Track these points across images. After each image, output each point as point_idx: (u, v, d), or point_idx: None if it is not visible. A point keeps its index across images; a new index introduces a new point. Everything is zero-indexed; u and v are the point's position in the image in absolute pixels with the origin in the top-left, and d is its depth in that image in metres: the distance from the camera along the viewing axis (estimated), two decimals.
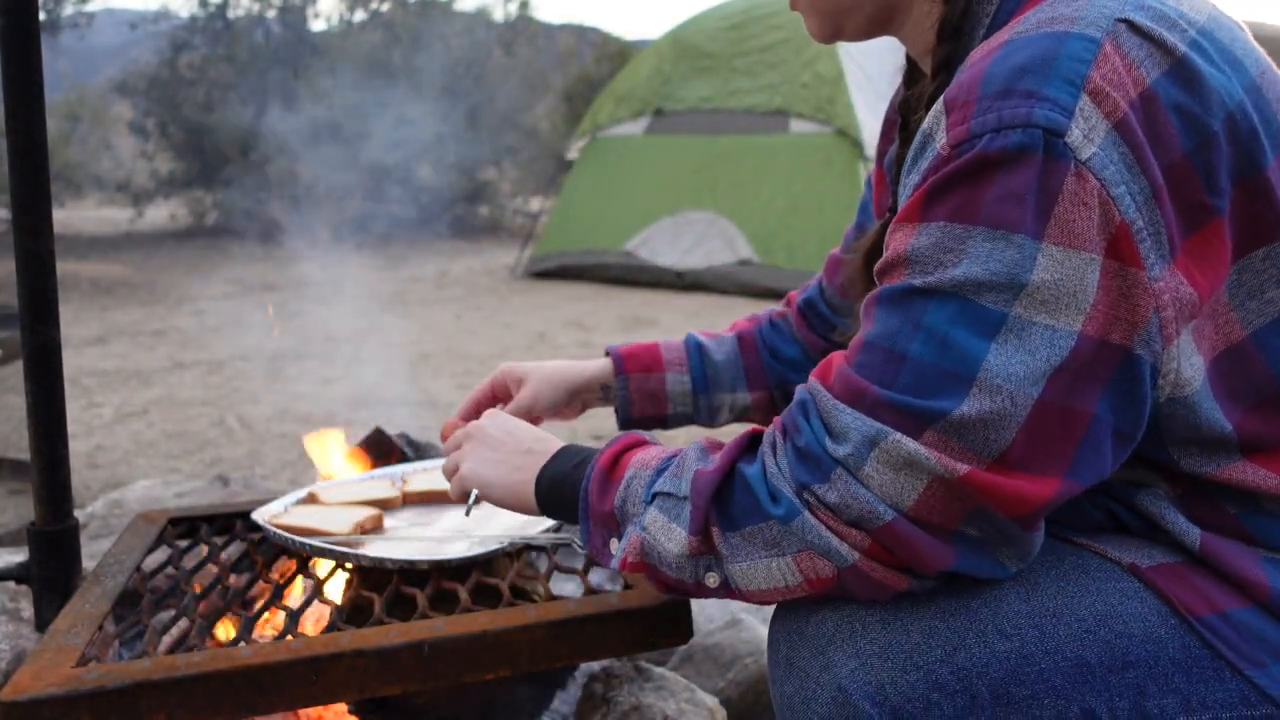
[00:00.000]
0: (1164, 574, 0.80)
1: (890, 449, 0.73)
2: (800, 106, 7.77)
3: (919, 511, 0.74)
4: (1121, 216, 0.70)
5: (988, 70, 0.73)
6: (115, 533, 1.85)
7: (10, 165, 1.28)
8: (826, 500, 0.75)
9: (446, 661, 1.09)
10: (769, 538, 0.78)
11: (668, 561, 0.84)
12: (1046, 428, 0.72)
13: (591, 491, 0.92)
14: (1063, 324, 0.71)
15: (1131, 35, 0.72)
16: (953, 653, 0.76)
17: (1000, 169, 0.70)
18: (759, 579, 0.80)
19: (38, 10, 1.29)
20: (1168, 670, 0.77)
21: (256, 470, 3.43)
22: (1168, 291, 0.72)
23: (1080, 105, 0.70)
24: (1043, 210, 0.70)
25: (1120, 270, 0.71)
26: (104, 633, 1.18)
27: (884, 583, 0.77)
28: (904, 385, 0.73)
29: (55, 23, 12.35)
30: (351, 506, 1.46)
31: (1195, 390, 0.76)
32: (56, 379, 1.33)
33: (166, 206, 13.97)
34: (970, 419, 0.71)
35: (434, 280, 8.99)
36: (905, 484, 0.73)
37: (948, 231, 0.72)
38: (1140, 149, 0.71)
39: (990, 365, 0.71)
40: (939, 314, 0.72)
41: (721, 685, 1.49)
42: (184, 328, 6.46)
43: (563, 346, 5.81)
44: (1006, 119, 0.70)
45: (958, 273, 0.72)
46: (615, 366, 1.35)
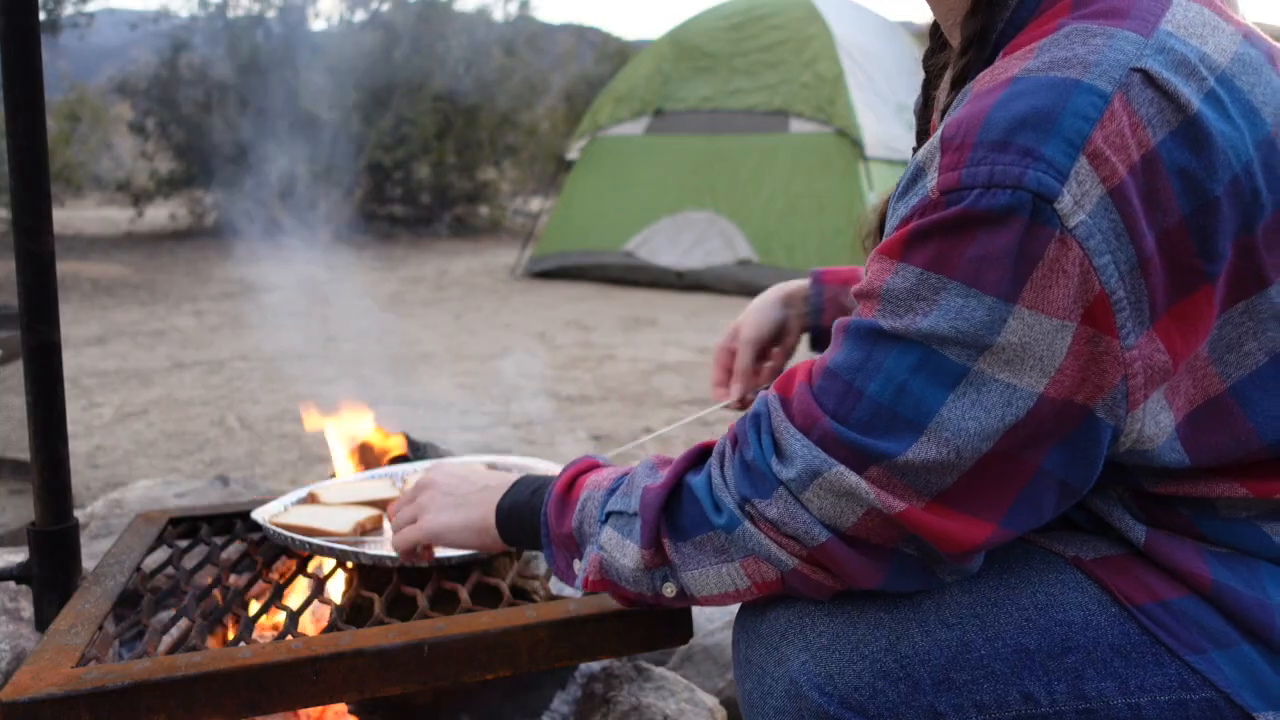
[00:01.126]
0: (1105, 565, 0.83)
1: (832, 480, 0.76)
2: (800, 106, 7.77)
3: (856, 532, 0.77)
4: (1102, 286, 0.69)
5: (989, 114, 0.71)
6: (115, 533, 1.85)
7: (10, 165, 1.28)
8: (766, 515, 0.80)
9: (446, 661, 1.09)
10: (717, 545, 0.83)
11: (625, 577, 0.89)
12: (989, 477, 0.74)
13: (550, 515, 0.97)
14: (1025, 384, 0.71)
15: (1144, 89, 0.69)
16: (896, 642, 0.80)
17: (984, 227, 0.69)
18: (710, 585, 0.85)
19: (38, 10, 1.29)
20: (1106, 655, 0.80)
21: (256, 470, 3.43)
22: (1140, 359, 0.72)
23: (1076, 169, 0.68)
24: (1021, 274, 0.69)
25: (1093, 337, 0.70)
26: (104, 633, 1.18)
27: (823, 584, 0.81)
28: (855, 422, 0.75)
29: (55, 23, 12.34)
30: (351, 506, 1.46)
31: (1158, 446, 0.77)
32: (56, 379, 1.33)
33: (166, 206, 13.96)
34: (914, 464, 0.74)
35: (434, 280, 8.99)
36: (844, 509, 0.76)
37: (923, 279, 0.72)
38: (1133, 218, 0.69)
39: (943, 417, 0.72)
40: (901, 360, 0.73)
41: (721, 685, 1.49)
42: (184, 328, 6.46)
43: (563, 346, 5.81)
44: (998, 176, 0.69)
45: (925, 324, 0.72)
46: (813, 278, 1.34)
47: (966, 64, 0.83)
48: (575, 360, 5.41)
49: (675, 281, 8.12)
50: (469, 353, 5.61)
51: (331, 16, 15.46)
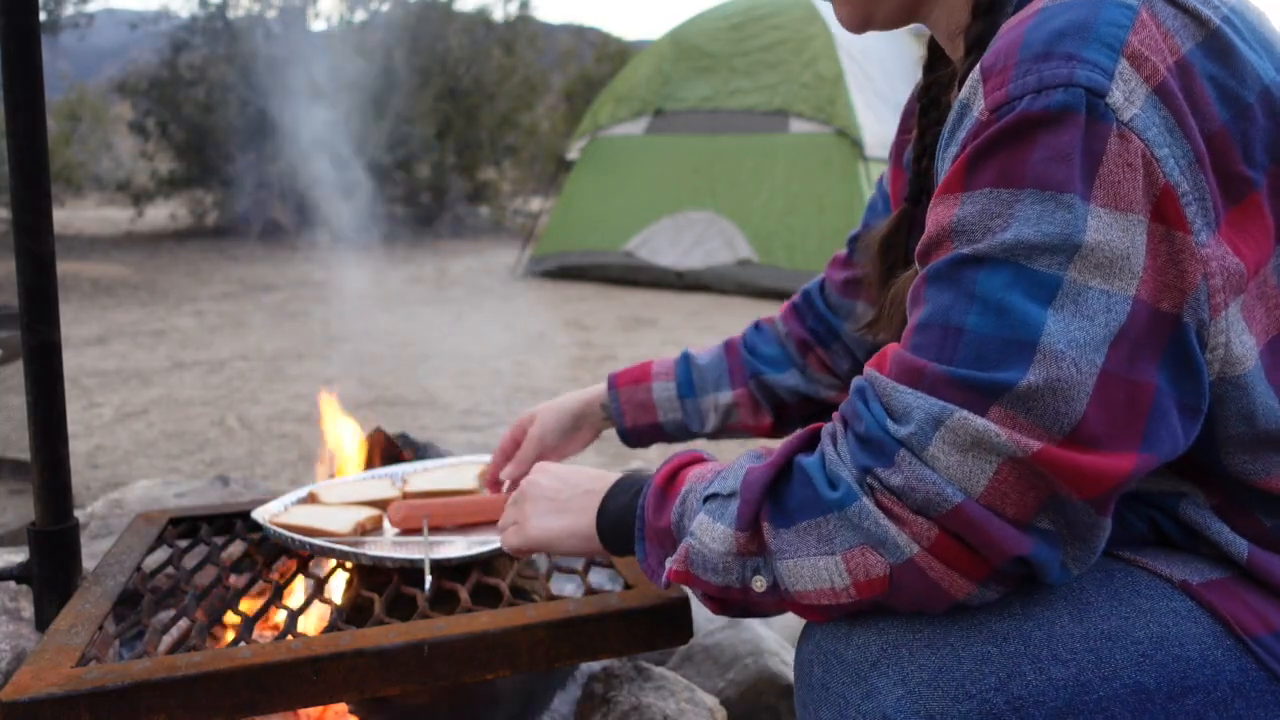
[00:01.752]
0: (1216, 591, 0.77)
1: (956, 427, 0.69)
2: (800, 106, 7.78)
3: (991, 499, 0.69)
4: (1166, 179, 0.68)
5: (1025, 35, 0.71)
6: (115, 533, 1.85)
7: (10, 165, 1.28)
8: (890, 484, 0.71)
9: (446, 661, 1.09)
10: (823, 533, 0.74)
11: (713, 564, 0.80)
12: (1114, 398, 0.68)
13: (648, 509, 0.90)
14: (1117, 289, 0.68)
15: (1166, 5, 0.72)
16: (1007, 680, 0.72)
17: (1044, 129, 0.68)
18: (806, 579, 0.76)
19: (38, 10, 1.29)
20: (1226, 695, 0.74)
21: (256, 470, 3.43)
22: (1214, 259, 0.70)
23: (1120, 68, 0.68)
24: (1089, 170, 0.68)
25: (1167, 234, 0.69)
26: (104, 633, 1.18)
27: (941, 584, 0.72)
28: (964, 359, 0.70)
29: (55, 23, 12.34)
30: (351, 506, 1.46)
31: (1248, 371, 0.73)
32: (56, 379, 1.33)
33: (166, 206, 13.96)
34: (1037, 389, 0.67)
35: (434, 280, 8.99)
36: (975, 467, 0.69)
37: (994, 197, 0.70)
38: (1181, 114, 0.69)
39: (1051, 331, 0.68)
40: (992, 281, 0.69)
41: (721, 685, 1.49)
42: (184, 328, 6.46)
43: (563, 346, 5.81)
44: (1048, 79, 0.69)
45: (1008, 236, 0.69)
46: (609, 383, 1.43)
47: (973, 63, 0.82)
48: (575, 360, 5.41)
49: (675, 281, 8.12)
50: (469, 353, 5.61)
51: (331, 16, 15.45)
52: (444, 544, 1.35)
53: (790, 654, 1.55)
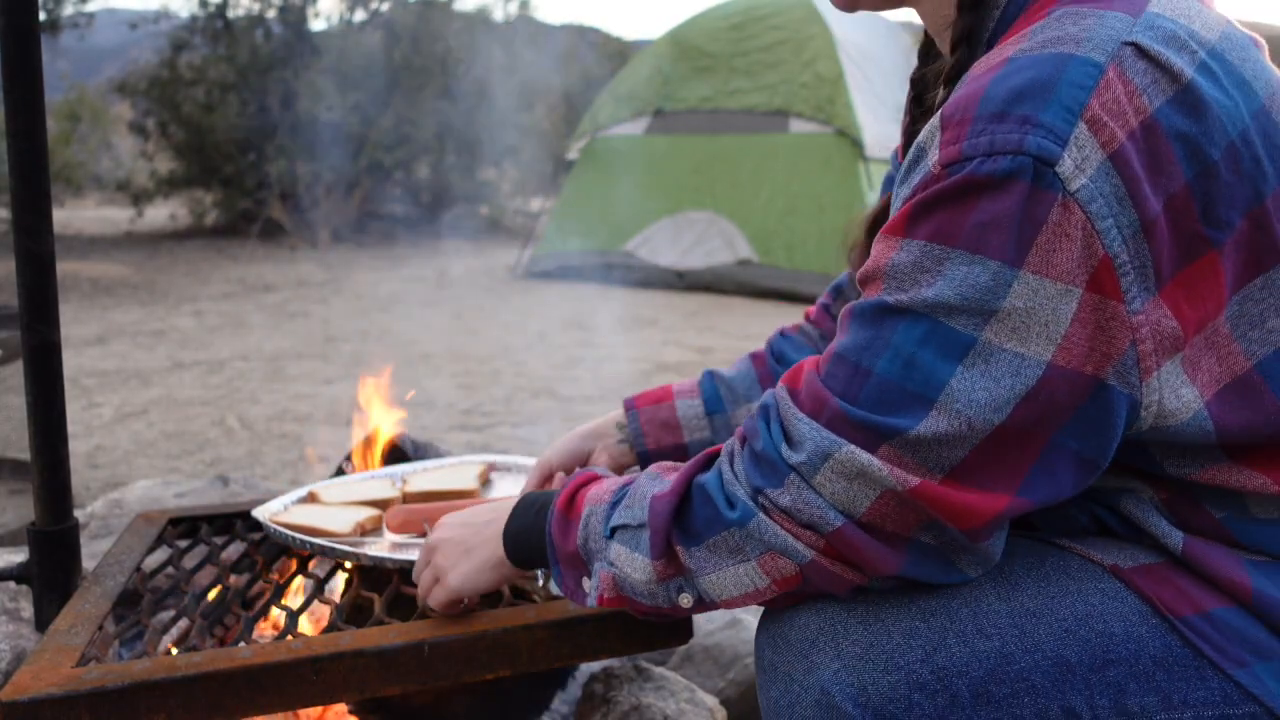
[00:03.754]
0: (1145, 574, 0.81)
1: (844, 461, 0.74)
2: (800, 106, 7.77)
3: (871, 518, 0.75)
4: (1105, 250, 0.69)
5: (988, 89, 0.72)
6: (115, 533, 1.85)
7: (10, 165, 1.28)
8: (779, 504, 0.78)
9: (446, 661, 1.09)
10: (732, 545, 0.80)
11: (639, 591, 0.87)
12: (1002, 450, 0.73)
13: (554, 534, 0.94)
14: (1032, 352, 0.71)
15: (1137, 60, 0.71)
16: (933, 652, 0.77)
17: (986, 194, 0.70)
18: (729, 587, 0.82)
19: (38, 10, 1.29)
20: (1149, 669, 0.78)
21: (256, 470, 3.43)
22: (1147, 325, 0.71)
23: (1076, 134, 0.69)
24: (1025, 238, 0.69)
25: (1100, 303, 0.70)
26: (104, 633, 1.18)
27: (842, 576, 0.79)
28: (865, 401, 0.74)
29: (55, 23, 12.33)
30: (351, 506, 1.46)
31: (1183, 422, 0.76)
32: (56, 379, 1.33)
33: (166, 206, 13.95)
34: (925, 438, 0.72)
35: (434, 280, 8.99)
36: (857, 493, 0.75)
37: (927, 251, 0.72)
38: (1135, 182, 0.69)
39: (953, 389, 0.72)
40: (909, 334, 0.73)
41: (721, 685, 1.49)
42: (184, 328, 6.46)
43: (562, 346, 5.81)
44: (999, 144, 0.69)
45: (930, 293, 0.72)
46: (626, 405, 1.35)
47: (958, 62, 0.84)
48: (575, 360, 5.41)
49: (675, 281, 8.12)
50: (469, 353, 5.61)
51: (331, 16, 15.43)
52: None
53: None
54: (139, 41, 14.47)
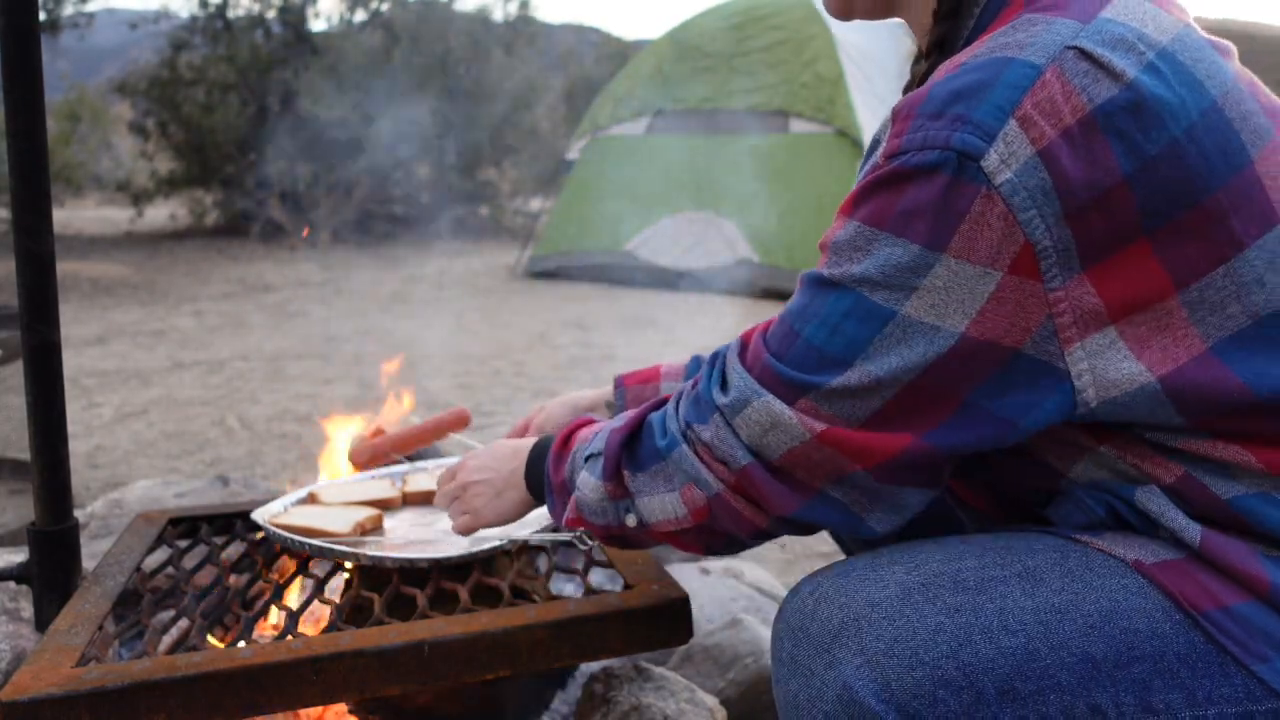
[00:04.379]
0: (1167, 570, 0.81)
1: (760, 409, 0.84)
2: (800, 106, 7.77)
3: (784, 464, 0.84)
4: (1027, 238, 0.75)
5: (932, 90, 0.78)
6: (115, 533, 1.85)
7: (10, 165, 1.28)
8: (702, 438, 0.89)
9: (446, 661, 1.09)
10: (665, 475, 0.92)
11: (594, 509, 0.98)
12: (915, 402, 0.80)
13: (550, 468, 1.07)
14: (948, 325, 0.78)
15: (1079, 61, 0.75)
16: (959, 649, 0.77)
17: (913, 183, 0.77)
18: (657, 512, 0.94)
19: (38, 10, 1.29)
20: (1173, 665, 0.78)
21: (256, 470, 3.43)
22: (1066, 300, 0.77)
23: (1005, 131, 0.74)
24: (947, 225, 0.76)
25: (1019, 283, 0.76)
26: (104, 633, 1.18)
27: (743, 514, 0.88)
28: (791, 360, 0.83)
29: (55, 23, 12.33)
30: (351, 506, 1.46)
31: (1131, 393, 0.79)
32: (56, 379, 1.33)
33: (166, 206, 13.95)
34: (838, 390, 0.81)
35: (434, 280, 8.99)
36: (771, 440, 0.84)
37: (860, 231, 0.80)
38: (1063, 176, 0.74)
39: (869, 354, 0.80)
40: (837, 305, 0.81)
41: (721, 685, 1.49)
42: (184, 328, 6.46)
43: (563, 346, 5.81)
44: (930, 139, 0.76)
45: (858, 270, 0.80)
46: (616, 383, 1.42)
47: (930, 67, 0.90)
48: (575, 360, 5.41)
49: (675, 281, 8.12)
50: (469, 353, 5.61)
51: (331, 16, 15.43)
52: (444, 543, 1.35)
53: None
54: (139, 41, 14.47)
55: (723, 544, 0.95)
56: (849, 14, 0.99)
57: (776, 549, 2.67)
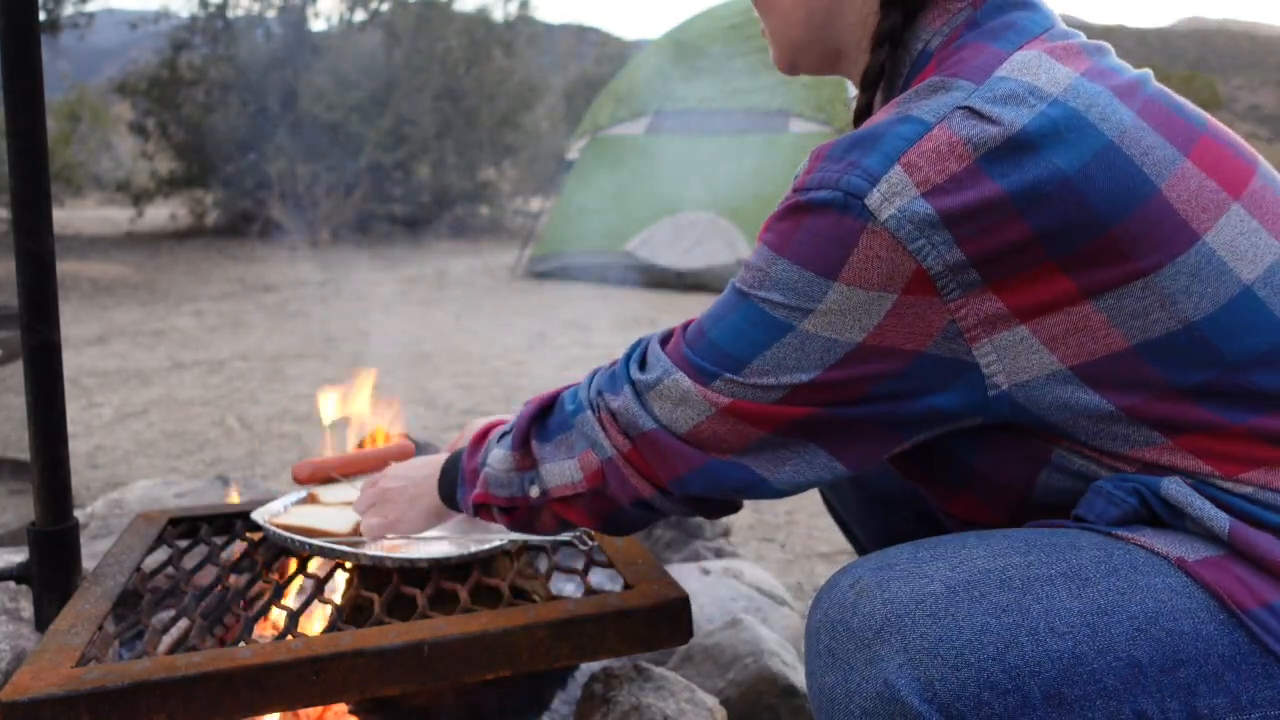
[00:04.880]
0: (1209, 567, 0.80)
1: (670, 385, 0.92)
2: (800, 107, 7.78)
3: (692, 436, 0.92)
4: (919, 264, 0.81)
5: (839, 140, 0.86)
6: (115, 533, 1.85)
7: (10, 165, 1.28)
8: (610, 406, 0.97)
9: (446, 661, 1.09)
10: (568, 444, 1.01)
11: (500, 480, 1.06)
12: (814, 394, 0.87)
13: (464, 458, 1.14)
14: (844, 338, 0.85)
15: (967, 118, 0.81)
16: (1004, 651, 0.76)
17: (809, 216, 0.84)
18: (556, 477, 1.02)
19: (38, 10, 1.29)
20: (1217, 668, 0.77)
21: (256, 470, 3.43)
22: (967, 307, 0.82)
23: (890, 174, 0.80)
24: (839, 255, 0.83)
25: (913, 302, 0.82)
26: (104, 633, 1.18)
27: (630, 481, 0.97)
28: (700, 351, 0.92)
29: (55, 23, 12.34)
30: (351, 507, 1.46)
31: (1039, 376, 0.83)
32: (56, 379, 1.33)
33: (166, 206, 13.96)
34: (741, 382, 0.89)
35: (434, 280, 8.99)
36: (681, 414, 0.92)
37: (766, 255, 0.88)
38: (947, 211, 0.79)
39: (766, 357, 0.87)
40: (742, 312, 0.89)
41: (721, 685, 1.49)
42: (184, 328, 6.46)
43: (563, 347, 5.81)
44: (826, 179, 0.83)
45: (761, 291, 0.87)
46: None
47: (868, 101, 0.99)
48: (575, 360, 5.41)
49: (675, 281, 8.13)
50: (469, 353, 5.61)
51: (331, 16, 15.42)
52: (443, 543, 1.35)
53: (791, 655, 1.55)
54: (139, 41, 14.49)
55: (609, 514, 1.01)
56: (794, 69, 1.08)
57: (777, 548, 2.68)
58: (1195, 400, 0.83)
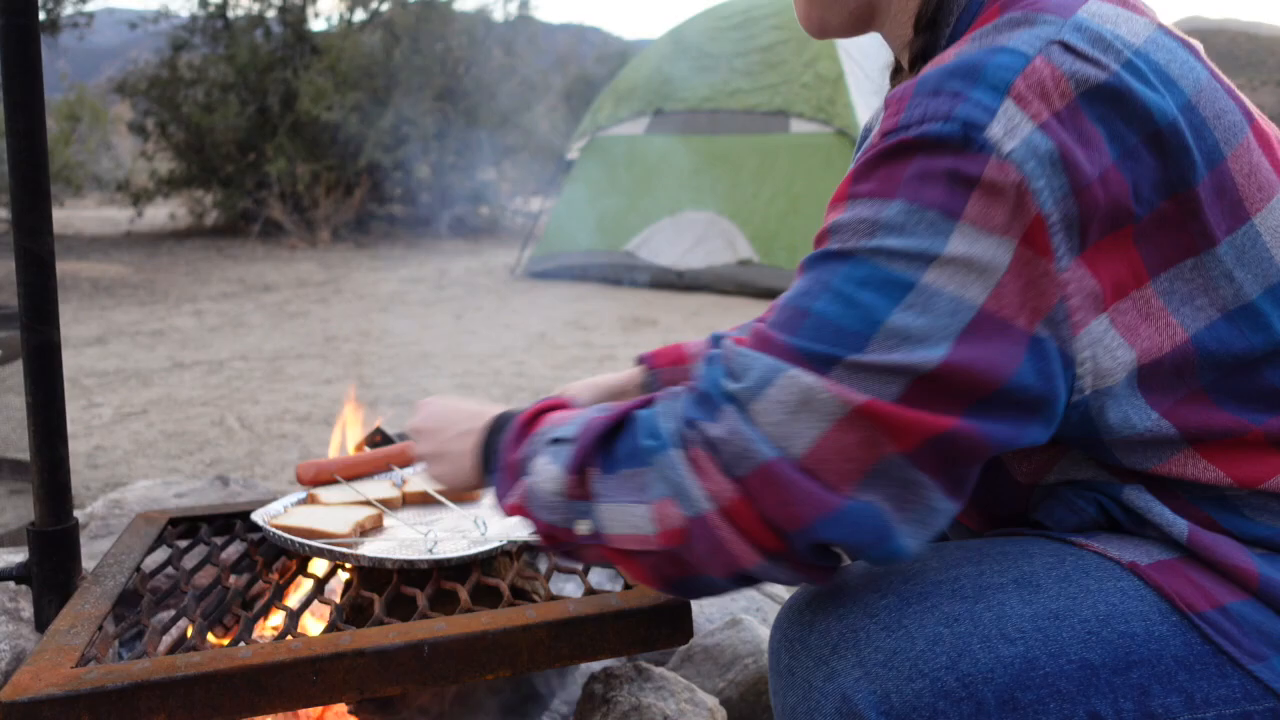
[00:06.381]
0: (1163, 571, 0.81)
1: (787, 385, 0.74)
2: (800, 106, 7.78)
3: (812, 462, 0.73)
4: (1038, 209, 0.73)
5: (924, 75, 0.78)
6: (115, 533, 1.85)
7: (10, 165, 1.28)
8: (709, 434, 0.76)
9: (446, 661, 1.09)
10: (640, 483, 0.80)
11: (545, 502, 0.86)
12: (943, 382, 0.73)
13: (506, 444, 0.95)
14: (969, 296, 0.73)
15: (1064, 53, 0.76)
16: (957, 659, 0.76)
17: (921, 152, 0.74)
18: (620, 523, 0.81)
19: (38, 10, 1.29)
20: (1171, 668, 0.78)
21: (256, 470, 3.43)
22: (1074, 282, 0.75)
23: (1004, 106, 0.74)
24: (961, 193, 0.73)
25: (1031, 259, 0.74)
26: (104, 633, 1.18)
27: (726, 546, 0.76)
28: (805, 333, 0.75)
29: (55, 23, 12.34)
30: (351, 507, 1.46)
31: (1117, 384, 0.78)
32: (56, 379, 1.33)
33: (166, 206, 13.95)
34: (865, 365, 0.73)
35: (434, 280, 8.99)
36: (800, 428, 0.73)
37: (869, 204, 0.76)
38: (1066, 148, 0.74)
39: (889, 327, 0.73)
40: (850, 275, 0.75)
41: (721, 685, 1.49)
42: (184, 328, 6.46)
43: (563, 347, 5.81)
44: (930, 112, 0.75)
45: (873, 240, 0.75)
46: (646, 364, 1.32)
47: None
48: (575, 360, 5.41)
49: (675, 281, 8.12)
50: (469, 353, 5.61)
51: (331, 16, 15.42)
52: (444, 542, 1.35)
53: None
54: (139, 41, 14.48)
55: (684, 583, 0.83)
56: (823, 30, 0.99)
57: None
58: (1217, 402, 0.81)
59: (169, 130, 13.54)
